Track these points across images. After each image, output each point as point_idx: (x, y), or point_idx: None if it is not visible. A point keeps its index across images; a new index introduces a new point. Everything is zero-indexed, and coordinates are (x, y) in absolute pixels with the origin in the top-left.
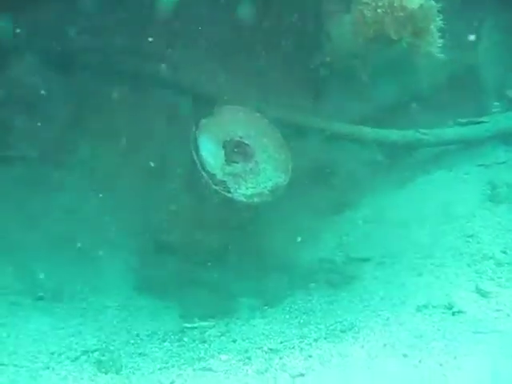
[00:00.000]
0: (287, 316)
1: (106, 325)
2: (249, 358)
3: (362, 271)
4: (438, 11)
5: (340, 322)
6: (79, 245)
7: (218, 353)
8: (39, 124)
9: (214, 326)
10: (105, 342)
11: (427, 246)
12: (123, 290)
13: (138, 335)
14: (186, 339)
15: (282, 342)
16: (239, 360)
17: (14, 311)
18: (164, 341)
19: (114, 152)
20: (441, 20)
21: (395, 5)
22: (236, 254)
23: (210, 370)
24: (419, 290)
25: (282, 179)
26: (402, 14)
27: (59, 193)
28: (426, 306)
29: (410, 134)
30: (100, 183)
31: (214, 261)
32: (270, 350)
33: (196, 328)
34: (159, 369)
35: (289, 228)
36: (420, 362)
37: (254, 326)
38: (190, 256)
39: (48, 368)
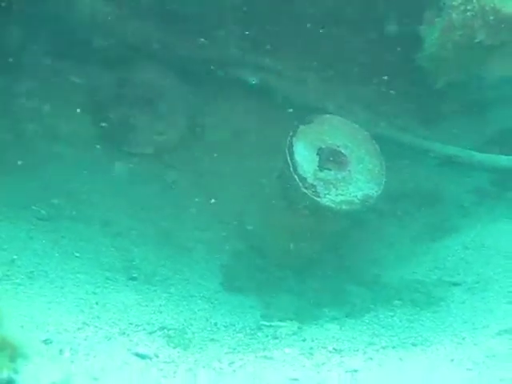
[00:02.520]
0: (364, 327)
1: (188, 311)
2: (311, 354)
3: (451, 295)
4: None
5: (414, 337)
6: (178, 239)
7: (284, 347)
8: (159, 125)
9: (288, 327)
10: (182, 325)
11: None
12: (212, 284)
13: (215, 324)
14: (259, 334)
15: (348, 346)
16: (301, 354)
17: (107, 284)
18: (239, 332)
19: (219, 156)
20: None
21: (486, 8)
22: (325, 263)
23: (270, 358)
24: (506, 316)
25: (373, 191)
26: (493, 17)
27: (169, 190)
28: (508, 331)
29: None
30: (205, 185)
31: (303, 267)
32: (334, 349)
33: (272, 326)
34: (225, 353)
35: (380, 243)
36: (479, 374)
37: (327, 330)
38: (279, 260)
39: (124, 334)
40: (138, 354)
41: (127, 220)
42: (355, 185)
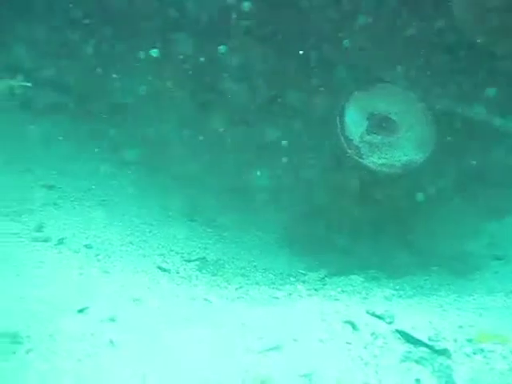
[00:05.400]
0: (390, 284)
1: (233, 252)
2: (316, 290)
3: (489, 266)
4: None
5: (433, 294)
6: (246, 197)
7: (299, 284)
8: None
9: (318, 276)
10: (222, 260)
11: None
12: (267, 236)
13: (255, 266)
14: (291, 278)
15: (355, 290)
16: (307, 289)
17: (165, 221)
18: (272, 274)
19: (286, 122)
20: None
21: None
22: (371, 225)
23: (278, 289)
24: None
25: (418, 157)
26: None
27: (242, 155)
28: None
29: None
30: (273, 150)
31: (354, 229)
32: (342, 291)
33: (306, 275)
34: (245, 283)
35: (437, 215)
36: (458, 315)
37: (350, 280)
38: (331, 221)
39: (161, 255)
40: (160, 267)
41: (203, 175)
42: (401, 150)
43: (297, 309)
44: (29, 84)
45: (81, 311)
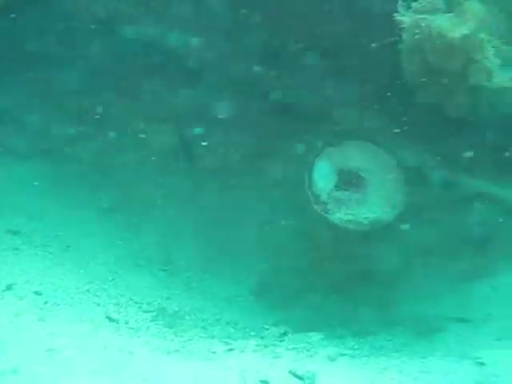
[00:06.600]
0: (351, 343)
1: (199, 304)
2: (266, 346)
3: (452, 329)
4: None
5: (387, 356)
6: (221, 246)
7: (252, 340)
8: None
9: (279, 331)
10: (184, 312)
11: None
12: (240, 289)
13: (218, 319)
14: (251, 333)
15: (309, 347)
16: (258, 345)
17: (133, 269)
18: (233, 328)
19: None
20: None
21: (433, 32)
22: (339, 282)
23: (227, 343)
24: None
25: (386, 215)
26: (439, 42)
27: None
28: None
29: None
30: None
31: (321, 284)
32: (293, 348)
33: (267, 330)
34: (199, 336)
35: (409, 275)
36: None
37: (308, 337)
38: (299, 276)
39: (116, 305)
40: (109, 317)
41: (177, 223)
42: (368, 207)
43: (221, 365)
44: None
45: None
